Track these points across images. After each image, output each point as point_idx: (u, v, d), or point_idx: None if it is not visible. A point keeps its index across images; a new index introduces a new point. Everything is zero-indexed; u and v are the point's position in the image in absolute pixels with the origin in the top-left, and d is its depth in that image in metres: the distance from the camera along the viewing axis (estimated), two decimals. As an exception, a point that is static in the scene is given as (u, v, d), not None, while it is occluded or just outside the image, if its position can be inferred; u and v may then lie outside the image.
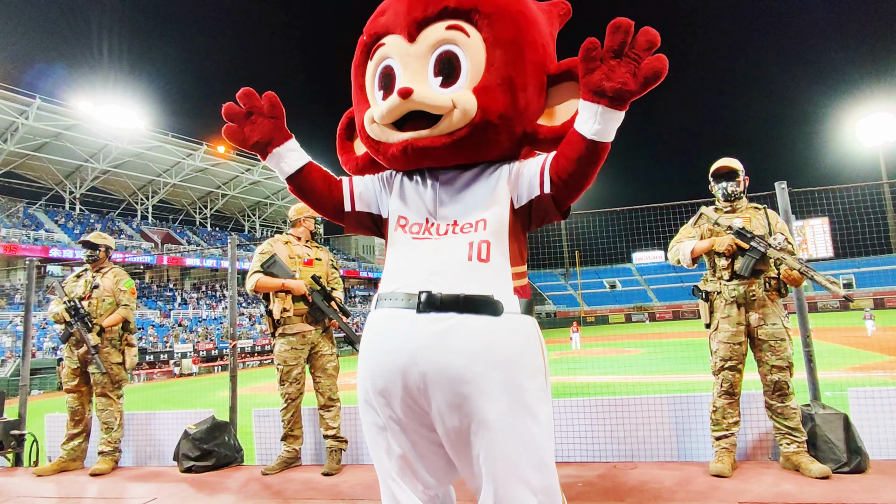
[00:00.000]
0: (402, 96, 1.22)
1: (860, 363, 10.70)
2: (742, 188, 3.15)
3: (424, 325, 1.23)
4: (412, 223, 1.36)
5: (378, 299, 1.35)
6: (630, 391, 7.69)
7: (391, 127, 1.32)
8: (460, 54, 1.28)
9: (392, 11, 1.34)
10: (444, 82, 1.28)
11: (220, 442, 3.87)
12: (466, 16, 1.27)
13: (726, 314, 3.02)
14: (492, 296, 1.24)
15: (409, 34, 1.30)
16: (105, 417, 3.97)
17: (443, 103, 1.25)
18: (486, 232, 1.28)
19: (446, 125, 1.27)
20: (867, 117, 53.19)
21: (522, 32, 1.30)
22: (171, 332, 29.97)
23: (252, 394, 13.31)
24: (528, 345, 1.27)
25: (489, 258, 1.27)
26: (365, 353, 1.33)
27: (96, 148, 32.31)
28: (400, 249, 1.36)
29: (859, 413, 3.13)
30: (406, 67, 1.30)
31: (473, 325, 1.22)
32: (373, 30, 1.38)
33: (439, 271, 1.26)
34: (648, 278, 58.03)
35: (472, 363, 1.19)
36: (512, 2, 1.32)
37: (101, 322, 3.99)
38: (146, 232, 37.76)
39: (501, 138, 1.32)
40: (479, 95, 1.26)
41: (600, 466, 3.28)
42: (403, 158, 1.34)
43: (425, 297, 1.24)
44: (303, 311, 3.54)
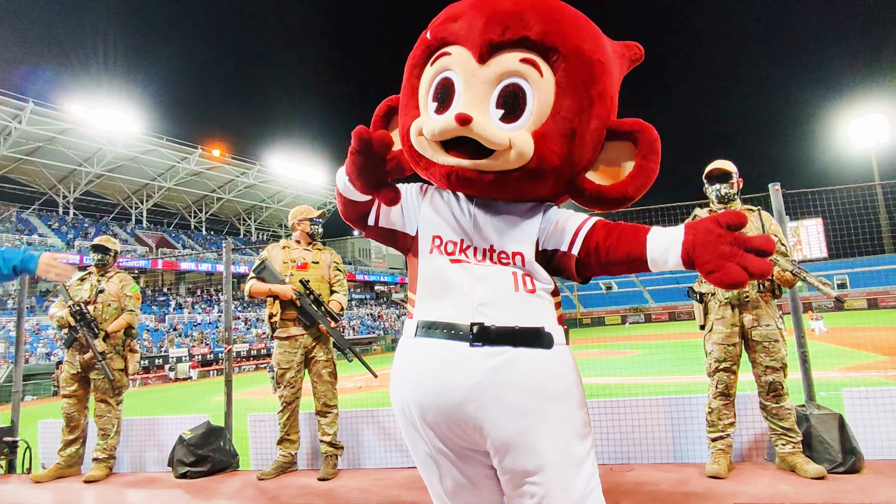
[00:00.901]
0: (459, 122, 1.15)
1: (854, 363, 10.75)
2: (736, 190, 3.17)
3: (479, 359, 1.18)
4: (447, 241, 1.30)
5: (418, 326, 1.27)
6: (626, 393, 7.71)
7: (439, 146, 1.24)
8: (528, 92, 1.20)
9: (467, 22, 1.24)
10: (506, 116, 1.21)
11: (215, 447, 3.85)
12: (544, 52, 1.20)
13: (720, 315, 3.03)
14: (543, 328, 1.21)
15: (479, 54, 1.21)
16: (102, 424, 3.94)
17: (500, 140, 1.17)
18: (525, 267, 1.25)
19: (499, 163, 1.20)
20: (859, 119, 53.65)
21: (596, 83, 1.23)
22: (167, 337, 29.83)
23: (248, 398, 13.25)
24: (576, 376, 1.26)
25: (535, 289, 1.24)
26: (409, 382, 1.27)
27: (90, 152, 32.18)
28: (437, 272, 1.29)
29: (854, 413, 3.15)
30: (469, 89, 1.23)
31: (529, 358, 1.19)
32: (441, 34, 1.28)
33: (488, 302, 1.22)
34: (644, 279, 58.18)
35: (530, 398, 1.17)
36: (593, 49, 1.24)
37: (106, 327, 3.96)
38: (141, 236, 37.60)
39: (548, 185, 1.28)
40: (538, 141, 1.19)
41: (597, 469, 3.28)
42: (445, 181, 1.30)
43: (478, 329, 1.19)
44: (294, 316, 3.54)
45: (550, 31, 1.20)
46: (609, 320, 49.88)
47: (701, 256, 1.05)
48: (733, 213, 1.05)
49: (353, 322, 40.52)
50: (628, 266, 1.19)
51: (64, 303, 3.98)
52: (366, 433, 3.79)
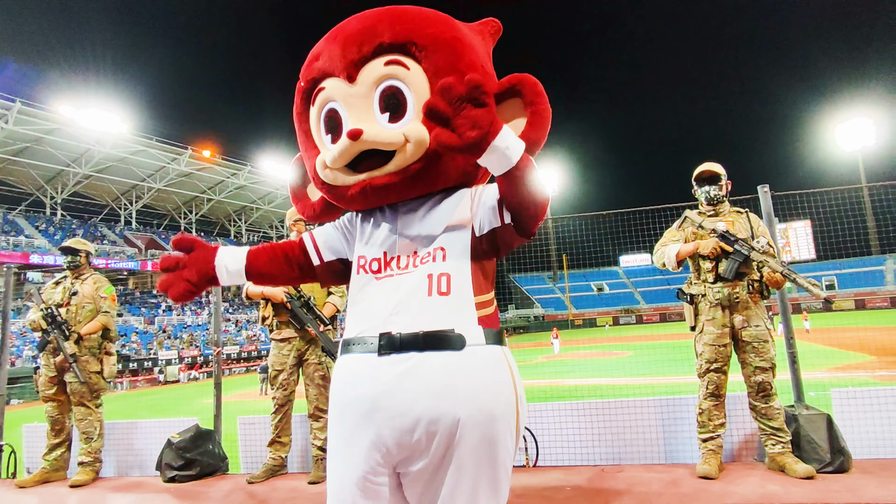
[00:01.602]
0: (352, 138, 1.22)
1: (842, 363, 10.87)
2: (724, 192, 3.19)
3: (385, 368, 1.19)
4: (371, 259, 1.33)
5: (342, 345, 1.32)
6: (618, 394, 7.74)
7: (345, 170, 1.30)
8: (404, 88, 1.27)
9: (327, 55, 1.33)
10: (392, 118, 1.27)
11: (203, 451, 3.80)
12: (403, 49, 1.27)
13: (711, 316, 3.05)
14: (452, 329, 1.20)
15: (347, 75, 1.28)
16: (84, 427, 3.88)
17: (395, 139, 1.24)
18: (445, 263, 1.25)
19: (401, 160, 1.25)
20: (845, 122, 54.35)
21: (461, 58, 1.30)
22: (156, 339, 29.56)
23: (239, 400, 13.15)
24: (497, 375, 1.22)
25: (450, 290, 1.23)
26: (333, 402, 1.30)
27: (78, 152, 31.84)
28: (361, 291, 1.32)
29: (842, 413, 3.17)
30: (351, 108, 1.29)
31: (434, 362, 1.18)
32: (310, 75, 1.36)
33: (399, 311, 1.23)
34: (635, 281, 58.53)
35: (436, 402, 1.15)
36: (445, 29, 1.32)
37: (80, 329, 3.90)
38: (130, 237, 37.25)
39: (458, 163, 1.31)
40: (429, 125, 1.23)
41: (588, 470, 3.28)
42: (362, 199, 1.33)
43: (385, 339, 1.21)
44: (287, 318, 3.54)
45: (400, 31, 1.28)
46: (601, 321, 50.10)
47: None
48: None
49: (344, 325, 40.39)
50: (517, 189, 1.15)
51: (38, 307, 3.93)
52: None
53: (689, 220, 3.20)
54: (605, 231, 12.53)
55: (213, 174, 38.20)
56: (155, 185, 36.49)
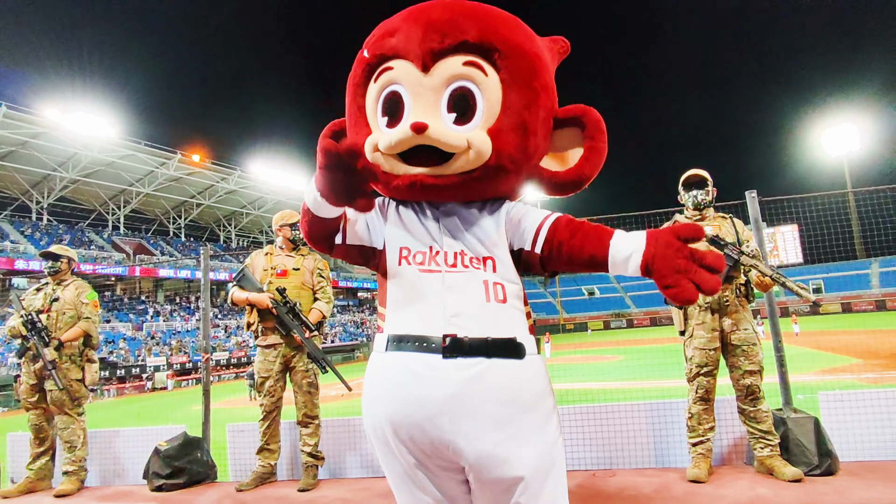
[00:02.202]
0: (415, 131, 1.17)
1: (829, 366, 10.99)
2: (711, 198, 3.22)
3: (452, 371, 1.17)
4: (415, 252, 1.29)
5: (390, 340, 1.26)
6: (609, 398, 7.75)
7: (397, 158, 1.25)
8: (476, 93, 1.24)
9: (404, 35, 1.27)
10: (458, 119, 1.23)
11: (192, 458, 3.76)
12: (485, 54, 1.24)
13: (701, 320, 3.07)
14: (515, 338, 1.21)
15: (423, 64, 1.23)
16: (67, 436, 3.82)
17: (458, 143, 1.20)
18: (496, 274, 1.26)
19: (459, 165, 1.23)
20: (831, 128, 55.21)
21: (538, 76, 1.28)
22: (144, 346, 29.21)
23: (228, 407, 13.02)
24: (547, 385, 1.27)
25: (506, 299, 1.24)
26: (381, 398, 1.24)
27: (65, 157, 31.50)
28: (407, 284, 1.28)
29: (829, 416, 3.21)
30: (417, 98, 1.25)
31: (502, 369, 1.18)
32: (379, 50, 1.30)
33: (460, 312, 1.21)
34: (626, 285, 58.85)
35: (504, 409, 1.16)
36: (528, 42, 1.30)
37: (60, 336, 3.84)
38: (118, 243, 36.85)
39: (510, 180, 1.30)
40: (493, 137, 1.22)
41: (580, 475, 3.28)
42: (408, 192, 1.30)
43: (450, 341, 1.18)
44: (273, 324, 3.50)
45: (487, 33, 1.25)
46: (592, 325, 50.27)
47: (660, 270, 1.06)
48: (692, 227, 1.07)
49: (336, 329, 40.19)
50: (590, 267, 1.21)
51: (18, 313, 3.87)
52: (347, 443, 3.73)
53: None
54: (595, 235, 12.53)
55: (202, 179, 37.94)
56: (143, 189, 36.16)
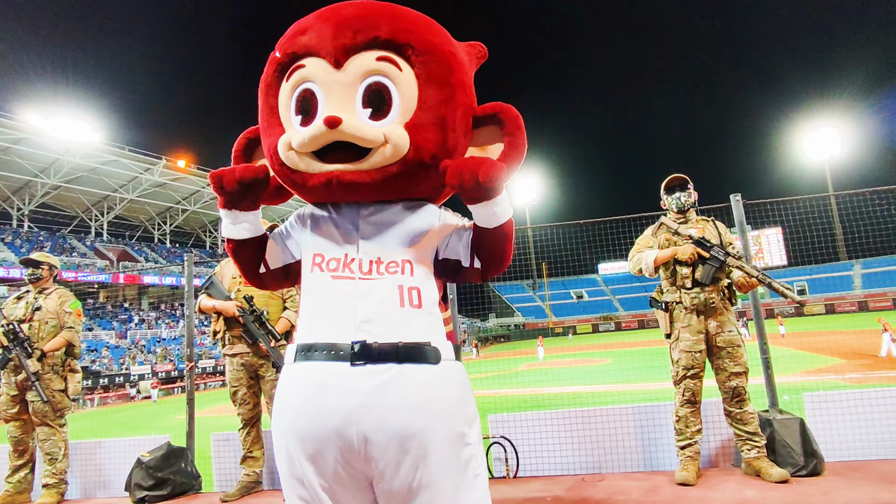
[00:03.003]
0: (329, 125, 1.15)
1: (814, 367, 11.13)
2: (693, 199, 3.25)
3: (360, 379, 1.13)
4: (329, 259, 1.26)
5: (297, 351, 1.22)
6: (598, 401, 7.77)
7: (311, 156, 1.22)
8: (392, 88, 1.22)
9: (316, 33, 1.25)
10: (374, 115, 1.22)
11: (175, 469, 3.68)
12: (399, 50, 1.23)
13: (686, 323, 3.08)
14: (429, 342, 1.18)
15: (335, 60, 1.21)
16: (48, 448, 3.73)
17: (374, 137, 1.18)
18: (414, 277, 1.24)
19: (377, 160, 1.20)
20: (813, 132, 56.20)
21: (454, 73, 1.28)
22: (128, 354, 28.75)
23: (213, 416, 12.83)
24: (466, 392, 1.23)
25: (421, 304, 1.22)
26: (288, 415, 1.19)
27: (46, 162, 31.00)
28: (319, 291, 1.25)
29: (814, 417, 3.23)
30: (331, 94, 1.22)
31: (414, 375, 1.15)
32: (291, 48, 1.27)
33: (371, 318, 1.17)
34: (614, 288, 59.25)
35: (415, 417, 1.13)
36: (444, 42, 1.30)
37: (43, 346, 3.76)
38: (101, 249, 36.30)
39: (431, 175, 1.27)
40: (411, 132, 1.21)
41: (568, 480, 3.27)
42: (325, 191, 1.27)
43: (360, 347, 1.14)
44: (240, 333, 3.44)
45: (400, 30, 1.24)
46: (581, 329, 50.49)
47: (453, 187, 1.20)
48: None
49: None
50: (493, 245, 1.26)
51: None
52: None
53: (664, 227, 3.25)
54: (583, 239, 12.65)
55: (188, 184, 37.56)
56: (127, 195, 35.70)
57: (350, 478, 1.17)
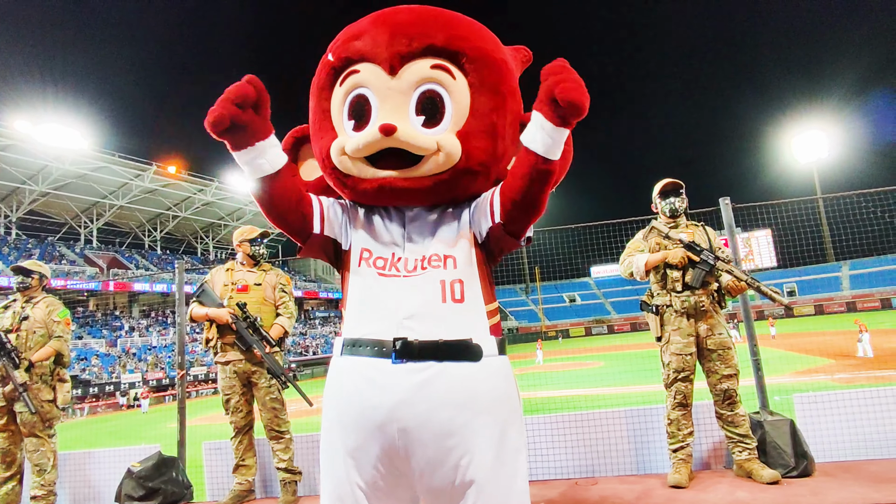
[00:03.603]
0: (384, 133, 1.16)
1: (804, 367, 11.22)
2: (685, 205, 3.29)
3: (402, 376, 1.15)
4: (376, 256, 1.28)
5: (344, 344, 1.24)
6: (591, 404, 7.79)
7: (364, 161, 1.24)
8: (445, 96, 1.23)
9: (370, 38, 1.25)
10: (427, 122, 1.23)
11: (166, 479, 3.65)
12: (453, 57, 1.23)
13: (677, 326, 3.10)
14: (470, 339, 1.19)
15: (390, 66, 1.22)
16: (36, 459, 3.68)
17: (427, 145, 1.19)
18: (457, 270, 1.24)
19: (429, 167, 1.22)
20: (801, 135, 56.85)
21: (505, 80, 1.29)
22: (119, 362, 28.44)
23: (206, 424, 12.72)
24: (509, 387, 1.24)
25: (464, 298, 1.22)
26: (334, 405, 1.23)
27: (35, 169, 30.69)
28: (365, 287, 1.26)
29: (804, 418, 3.26)
30: (385, 101, 1.23)
31: (454, 372, 1.16)
32: (345, 53, 1.28)
33: (413, 314, 1.19)
34: (606, 291, 59.47)
35: (456, 414, 1.14)
36: (495, 49, 1.31)
37: (31, 356, 3.71)
38: (90, 257, 35.93)
39: (479, 183, 1.29)
40: (463, 140, 1.22)
41: (562, 484, 3.28)
42: (377, 195, 1.28)
43: (401, 344, 1.16)
44: (233, 340, 3.43)
45: (454, 38, 1.25)
46: (574, 332, 50.60)
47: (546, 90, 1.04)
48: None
49: (317, 341, 39.71)
50: (532, 179, 1.13)
51: None
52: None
53: (655, 231, 3.28)
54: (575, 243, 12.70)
55: (179, 190, 37.32)
56: (117, 202, 35.39)
57: (390, 479, 1.18)
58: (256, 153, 1.19)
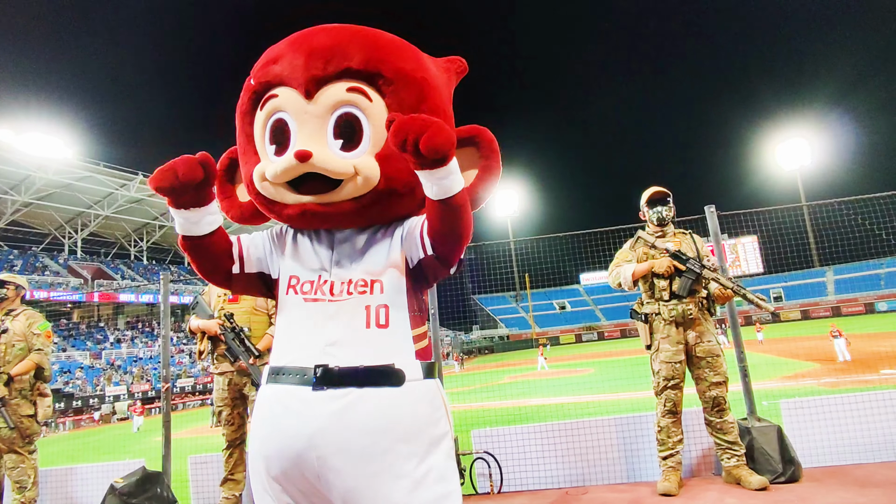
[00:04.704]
0: (299, 159, 1.15)
1: (792, 372, 11.33)
2: (672, 213, 3.32)
3: (321, 403, 1.13)
4: (303, 282, 1.26)
5: (269, 372, 1.24)
6: (582, 412, 7.78)
7: (286, 187, 1.23)
8: (362, 118, 1.22)
9: (287, 62, 1.24)
10: (345, 146, 1.22)
11: (151, 495, 3.58)
12: (370, 79, 1.22)
13: (666, 334, 3.12)
14: (393, 364, 1.17)
15: (306, 91, 1.21)
16: (16, 476, 3.59)
17: (344, 169, 1.18)
18: (384, 295, 1.22)
19: (348, 191, 1.21)
20: (784, 143, 57.85)
21: (426, 100, 1.28)
22: (103, 374, 27.97)
23: (191, 436, 12.52)
24: (434, 412, 1.21)
25: (388, 323, 1.20)
26: (257, 435, 1.21)
27: (17, 179, 30.26)
28: (292, 314, 1.25)
29: (791, 423, 3.29)
30: (303, 125, 1.22)
31: (374, 398, 1.14)
32: (264, 77, 1.27)
33: (336, 341, 1.17)
34: (596, 298, 59.77)
35: (376, 440, 1.11)
36: (416, 68, 1.29)
37: (10, 370, 3.63)
38: (74, 267, 35.41)
39: (405, 203, 1.28)
40: (382, 163, 1.21)
41: (553, 493, 3.26)
42: (301, 220, 1.28)
43: (321, 371, 1.14)
44: (223, 350, 3.40)
45: (371, 59, 1.24)
46: (564, 339, 50.73)
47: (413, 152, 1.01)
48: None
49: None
50: (447, 220, 1.13)
51: None
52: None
53: (641, 241, 3.30)
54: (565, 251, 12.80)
55: (165, 200, 36.96)
56: (102, 212, 34.98)
57: (316, 499, 1.17)
58: (201, 214, 1.22)
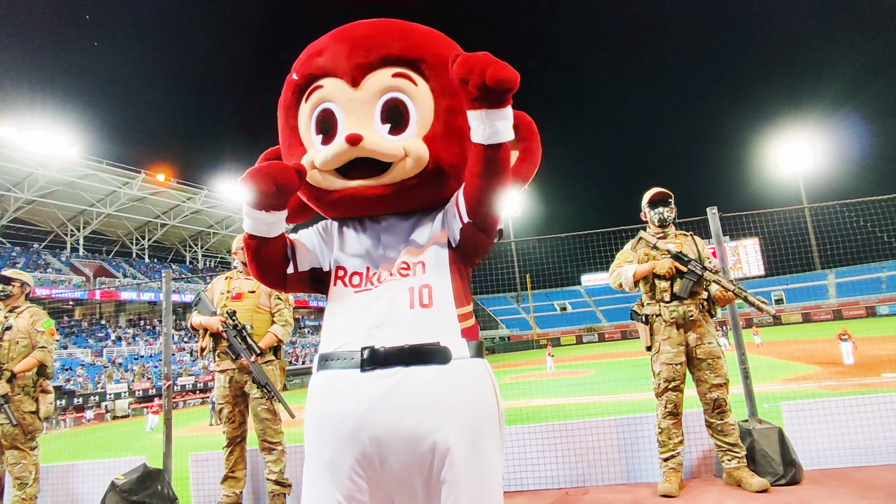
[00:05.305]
0: (350, 143, 1.18)
1: (793, 374, 11.31)
2: (674, 214, 3.32)
3: (369, 384, 1.15)
4: (351, 273, 1.30)
5: (319, 360, 1.27)
6: (583, 413, 7.77)
7: (334, 174, 1.26)
8: (408, 103, 1.25)
9: (331, 53, 1.29)
10: (393, 130, 1.25)
11: (152, 492, 3.59)
12: (412, 65, 1.26)
13: (666, 335, 3.12)
14: (438, 342, 1.18)
15: (352, 79, 1.25)
16: (18, 472, 3.60)
17: (394, 151, 1.21)
18: (426, 275, 1.24)
19: (398, 173, 1.24)
20: (786, 145, 57.74)
21: None
22: (105, 372, 28.01)
23: (192, 434, 12.54)
24: (482, 389, 1.22)
25: (432, 302, 1.22)
26: (310, 423, 1.24)
27: (20, 176, 30.30)
28: (339, 304, 1.28)
29: (792, 425, 3.28)
30: (350, 113, 1.26)
31: (421, 377, 1.16)
32: (307, 70, 1.31)
33: (381, 323, 1.20)
34: (597, 300, 59.71)
35: (424, 419, 1.14)
36: (454, 53, 1.30)
37: (13, 367, 3.64)
38: (77, 265, 35.46)
39: (451, 185, 1.31)
40: (430, 144, 1.25)
41: (553, 494, 3.26)
42: (347, 206, 1.30)
43: (368, 353, 1.17)
44: (225, 348, 3.40)
45: (410, 46, 1.28)
46: (565, 340, 50.68)
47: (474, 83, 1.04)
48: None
49: (307, 350, 39.42)
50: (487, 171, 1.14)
51: None
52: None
53: (643, 242, 3.30)
54: (566, 252, 12.82)
55: (167, 198, 37.01)
56: (105, 210, 35.01)
57: (367, 490, 1.18)
58: (279, 216, 1.27)
